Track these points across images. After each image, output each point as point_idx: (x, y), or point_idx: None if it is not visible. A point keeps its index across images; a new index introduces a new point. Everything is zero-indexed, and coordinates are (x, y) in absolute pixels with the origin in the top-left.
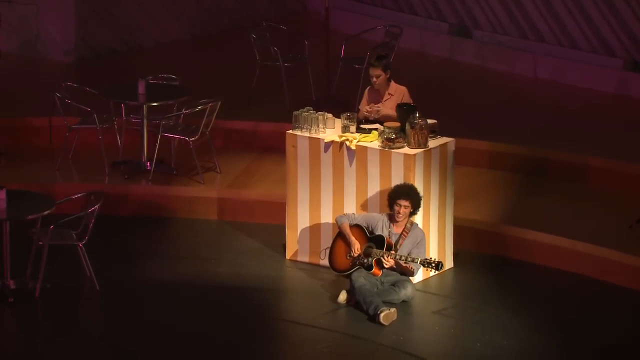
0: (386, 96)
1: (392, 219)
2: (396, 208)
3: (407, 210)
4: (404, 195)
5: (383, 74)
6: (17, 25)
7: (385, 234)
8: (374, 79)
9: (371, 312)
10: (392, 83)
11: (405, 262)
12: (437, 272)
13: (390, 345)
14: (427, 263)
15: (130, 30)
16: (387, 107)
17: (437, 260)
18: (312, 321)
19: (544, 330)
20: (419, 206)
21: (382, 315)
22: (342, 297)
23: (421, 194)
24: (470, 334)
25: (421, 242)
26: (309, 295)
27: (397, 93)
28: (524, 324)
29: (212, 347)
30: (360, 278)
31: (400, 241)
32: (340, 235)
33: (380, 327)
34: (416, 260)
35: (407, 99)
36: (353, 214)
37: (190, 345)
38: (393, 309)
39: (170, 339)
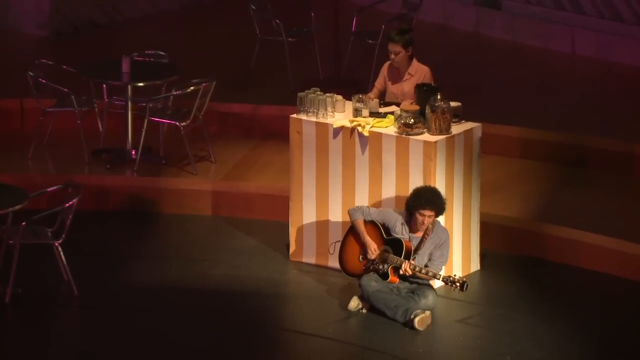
0: (406, 76)
1: (413, 226)
2: (420, 218)
3: (432, 219)
4: (429, 204)
5: (403, 50)
6: None
7: (404, 237)
8: (393, 56)
9: (400, 318)
10: (414, 62)
11: (425, 275)
12: (461, 292)
13: (408, 359)
14: (450, 281)
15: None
16: (405, 88)
17: (462, 279)
18: (320, 331)
19: (583, 342)
20: (443, 212)
21: (416, 320)
22: (354, 303)
23: (444, 193)
24: (499, 346)
25: (444, 243)
26: (315, 301)
27: (418, 74)
28: (559, 334)
29: None
30: (371, 282)
31: (421, 245)
32: (352, 232)
33: (397, 338)
34: (438, 277)
35: (428, 81)
36: (368, 207)
37: (180, 359)
38: (428, 312)
39: (158, 351)
